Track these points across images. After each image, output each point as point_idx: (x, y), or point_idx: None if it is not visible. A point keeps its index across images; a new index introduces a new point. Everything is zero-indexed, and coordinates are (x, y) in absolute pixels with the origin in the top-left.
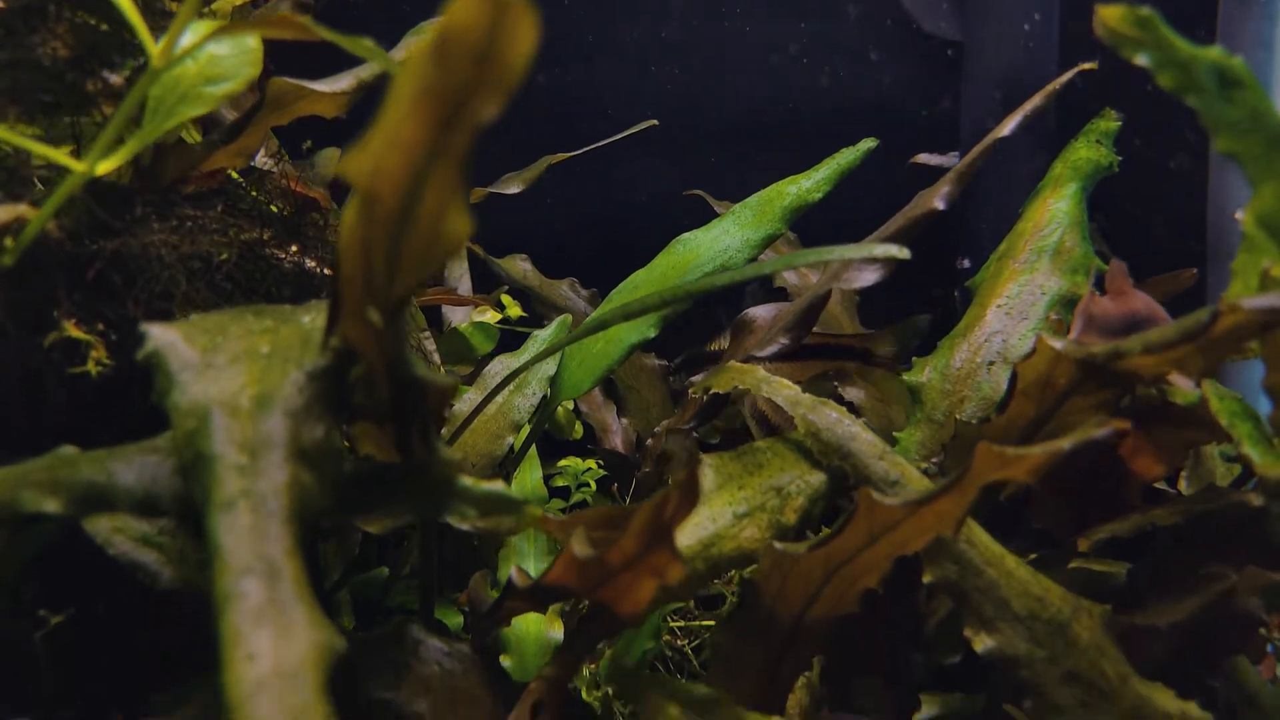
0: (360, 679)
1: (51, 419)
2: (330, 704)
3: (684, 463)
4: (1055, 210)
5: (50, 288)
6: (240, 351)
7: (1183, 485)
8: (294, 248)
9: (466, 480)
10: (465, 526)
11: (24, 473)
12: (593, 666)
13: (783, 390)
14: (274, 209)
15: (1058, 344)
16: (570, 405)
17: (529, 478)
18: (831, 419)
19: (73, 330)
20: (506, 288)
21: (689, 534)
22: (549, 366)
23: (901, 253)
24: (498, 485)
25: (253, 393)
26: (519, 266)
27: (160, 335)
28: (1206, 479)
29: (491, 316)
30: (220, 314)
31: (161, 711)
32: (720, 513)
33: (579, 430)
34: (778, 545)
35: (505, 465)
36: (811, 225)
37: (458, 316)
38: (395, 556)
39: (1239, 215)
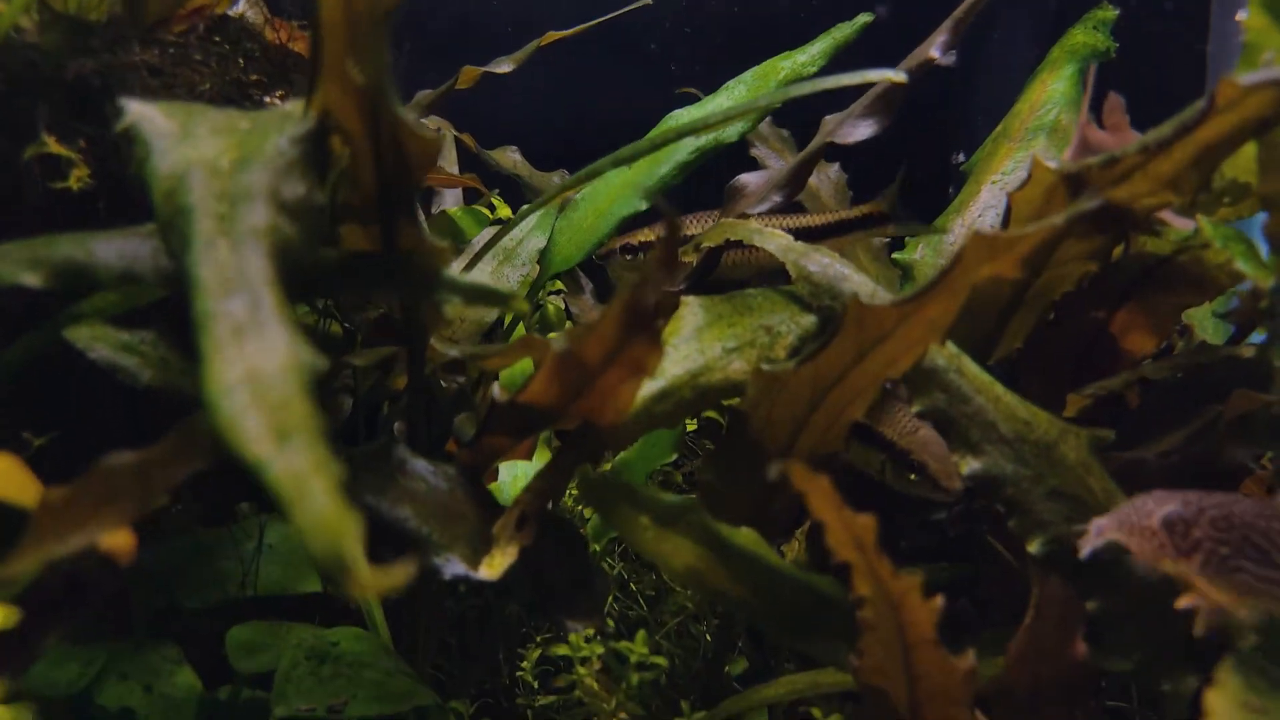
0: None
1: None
2: (313, 405)
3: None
4: (1052, 91)
5: (32, 105)
6: (220, 125)
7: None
8: (280, 93)
9: (452, 271)
10: (454, 352)
11: (4, 250)
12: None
13: (775, 239)
14: (257, 52)
15: (1053, 162)
16: (561, 304)
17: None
18: (824, 262)
19: (54, 146)
20: (498, 190)
21: (678, 365)
22: (538, 240)
23: (898, 76)
24: (484, 280)
25: (233, 156)
26: (509, 158)
27: (139, 108)
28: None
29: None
30: (200, 104)
31: None
32: (709, 347)
33: (569, 326)
34: (765, 367)
35: (493, 337)
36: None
37: (447, 203)
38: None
39: (1240, 17)
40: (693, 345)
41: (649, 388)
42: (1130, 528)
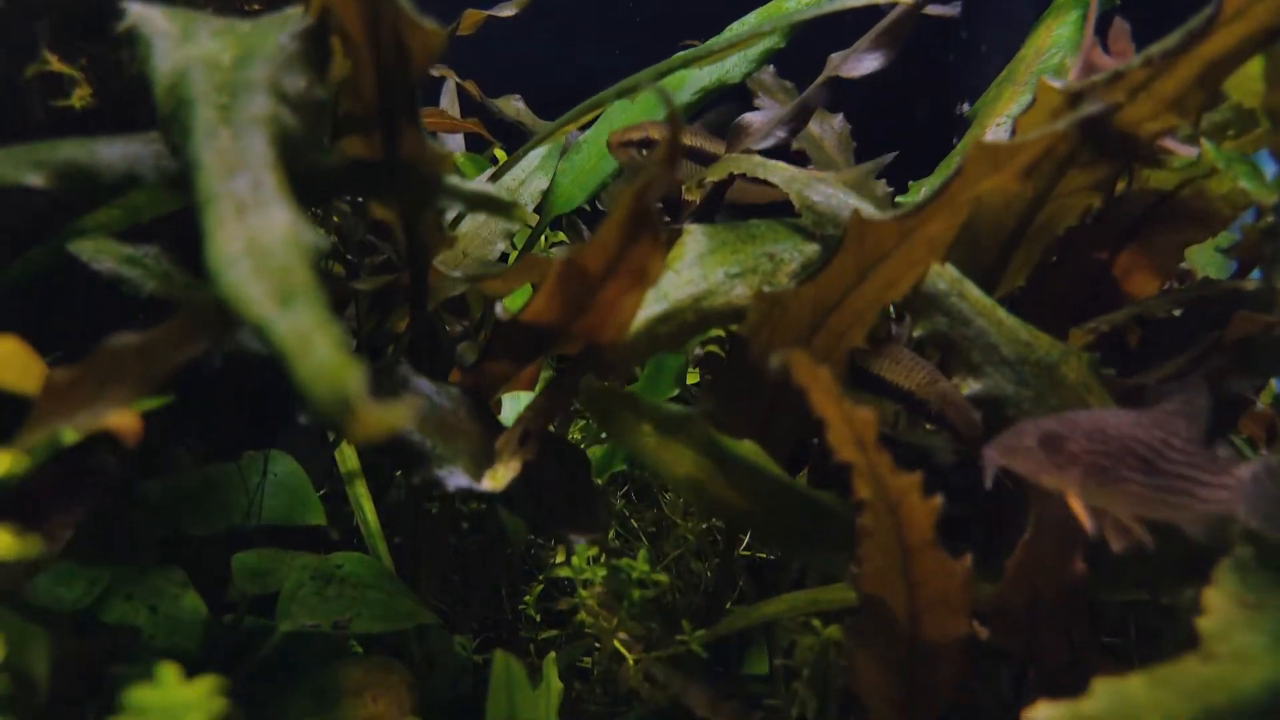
0: None
1: None
2: (314, 275)
3: None
4: (1057, 35)
5: (33, 23)
6: (221, 28)
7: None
8: None
9: (454, 178)
10: (456, 274)
11: (7, 153)
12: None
13: (778, 170)
14: None
15: (1058, 83)
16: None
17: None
18: (827, 192)
19: (56, 64)
20: (500, 145)
21: (681, 288)
22: (541, 181)
23: None
24: (486, 186)
25: (234, 53)
26: (512, 105)
27: (140, 9)
28: None
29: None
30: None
31: None
32: (712, 272)
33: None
34: (766, 289)
35: None
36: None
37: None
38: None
39: None
40: (695, 270)
41: (652, 309)
42: (1010, 450)
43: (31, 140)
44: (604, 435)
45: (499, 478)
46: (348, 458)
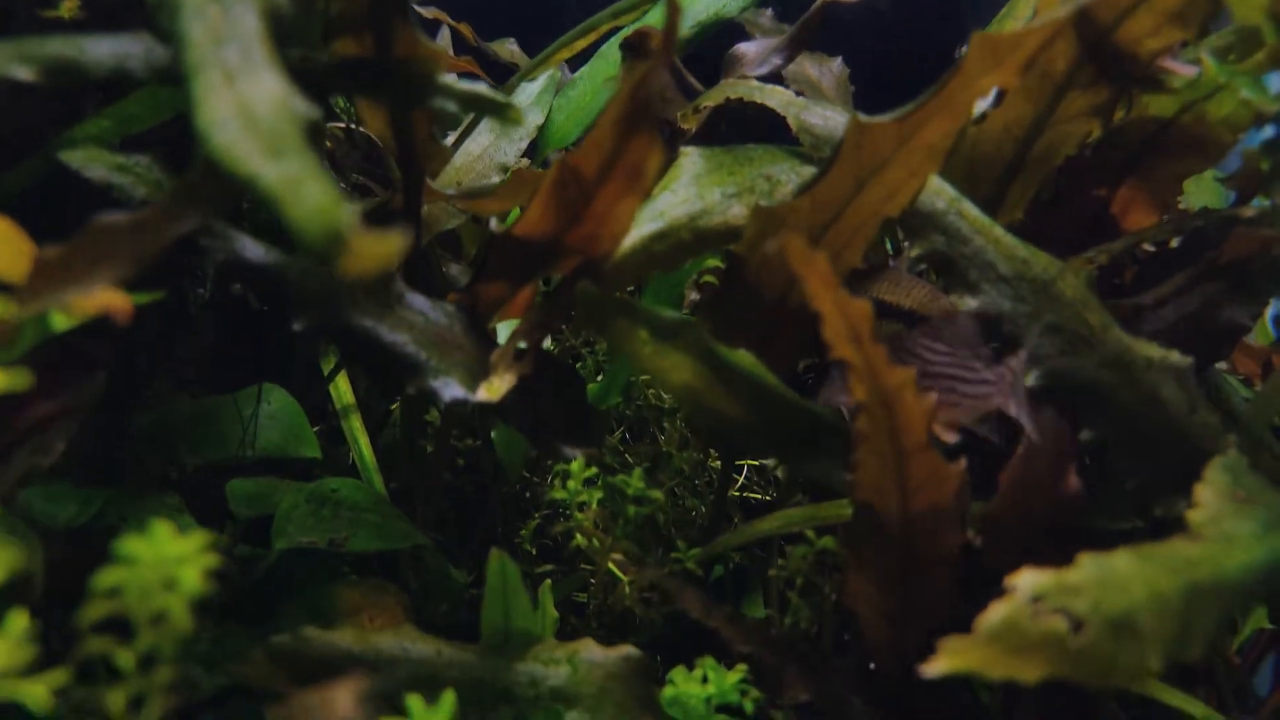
0: None
1: None
2: (306, 139)
3: None
4: None
5: None
6: None
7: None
8: None
9: (448, 78)
10: (450, 191)
11: None
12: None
13: (776, 94)
14: None
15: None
16: None
17: None
18: (826, 115)
19: None
20: (495, 87)
21: (677, 207)
22: (536, 116)
23: None
24: (481, 87)
25: None
26: (507, 49)
27: None
28: None
29: None
30: None
31: None
32: (709, 192)
33: None
34: (763, 203)
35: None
36: None
37: None
38: None
39: None
40: (692, 190)
41: (647, 228)
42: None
43: None
44: (599, 376)
45: (494, 389)
46: (343, 393)
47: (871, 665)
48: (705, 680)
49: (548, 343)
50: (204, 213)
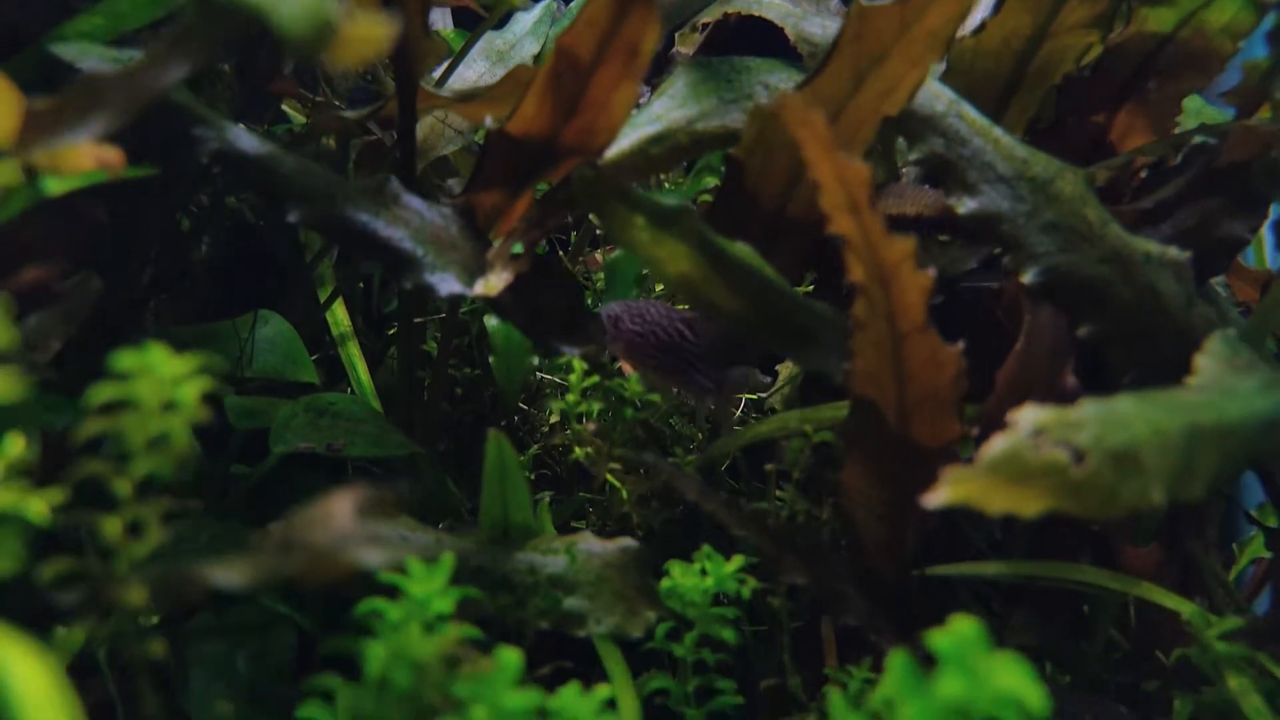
0: None
1: None
2: None
3: None
4: None
5: None
6: None
7: None
8: None
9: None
10: (445, 93)
11: None
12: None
13: (774, 7)
14: None
15: None
16: None
17: None
18: (824, 23)
19: None
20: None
21: (673, 111)
22: (532, 45)
23: None
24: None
25: None
26: None
27: None
28: None
29: None
30: None
31: None
32: (707, 97)
33: None
34: (763, 102)
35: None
36: None
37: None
38: None
39: None
40: (689, 95)
41: (645, 130)
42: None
43: None
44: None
45: (492, 285)
46: (340, 320)
47: (868, 567)
48: (704, 573)
49: None
50: (193, 57)
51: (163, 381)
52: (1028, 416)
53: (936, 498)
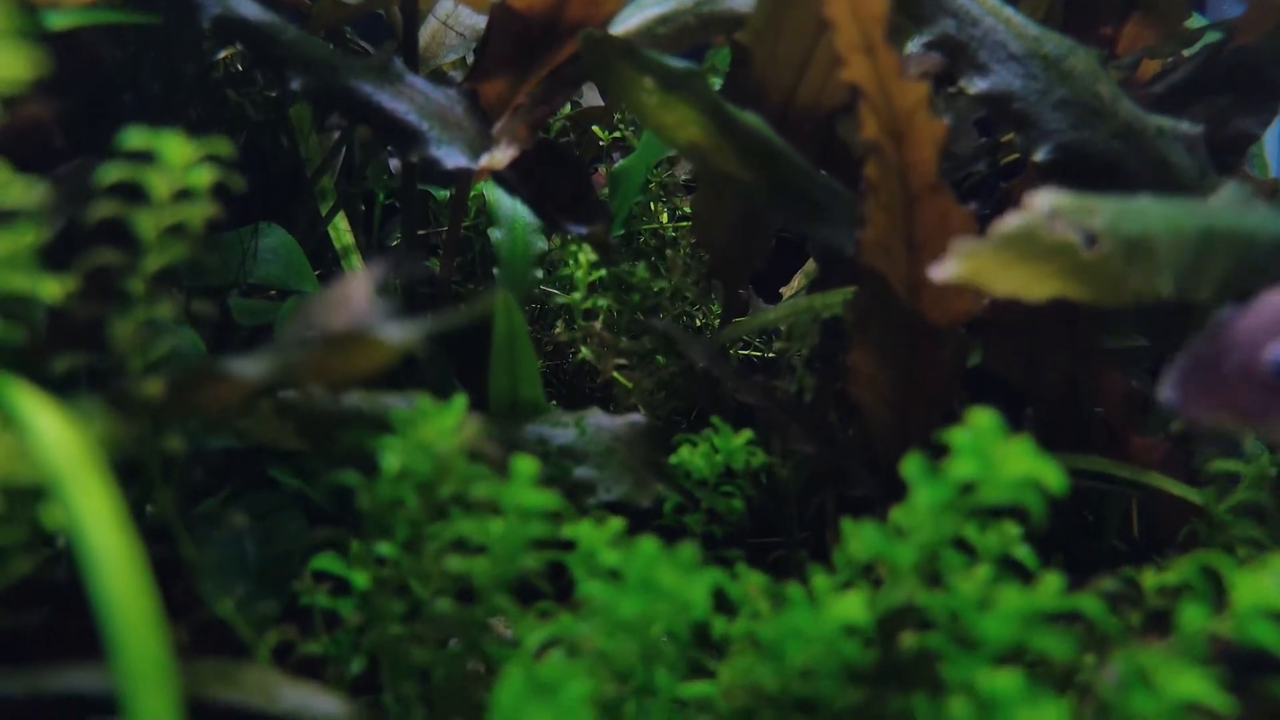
0: None
1: None
2: None
3: None
4: None
5: None
6: None
7: None
8: None
9: None
10: None
11: None
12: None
13: None
14: None
15: None
16: None
17: None
18: None
19: None
20: None
21: None
22: None
23: None
24: None
25: None
26: None
27: None
28: None
29: None
30: None
31: None
32: None
33: None
34: None
35: None
36: None
37: None
38: None
39: None
40: None
41: (651, 10)
42: None
43: None
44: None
45: (497, 159)
46: (341, 233)
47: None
48: (714, 450)
49: None
50: None
51: (174, 169)
52: (1044, 198)
53: (944, 270)
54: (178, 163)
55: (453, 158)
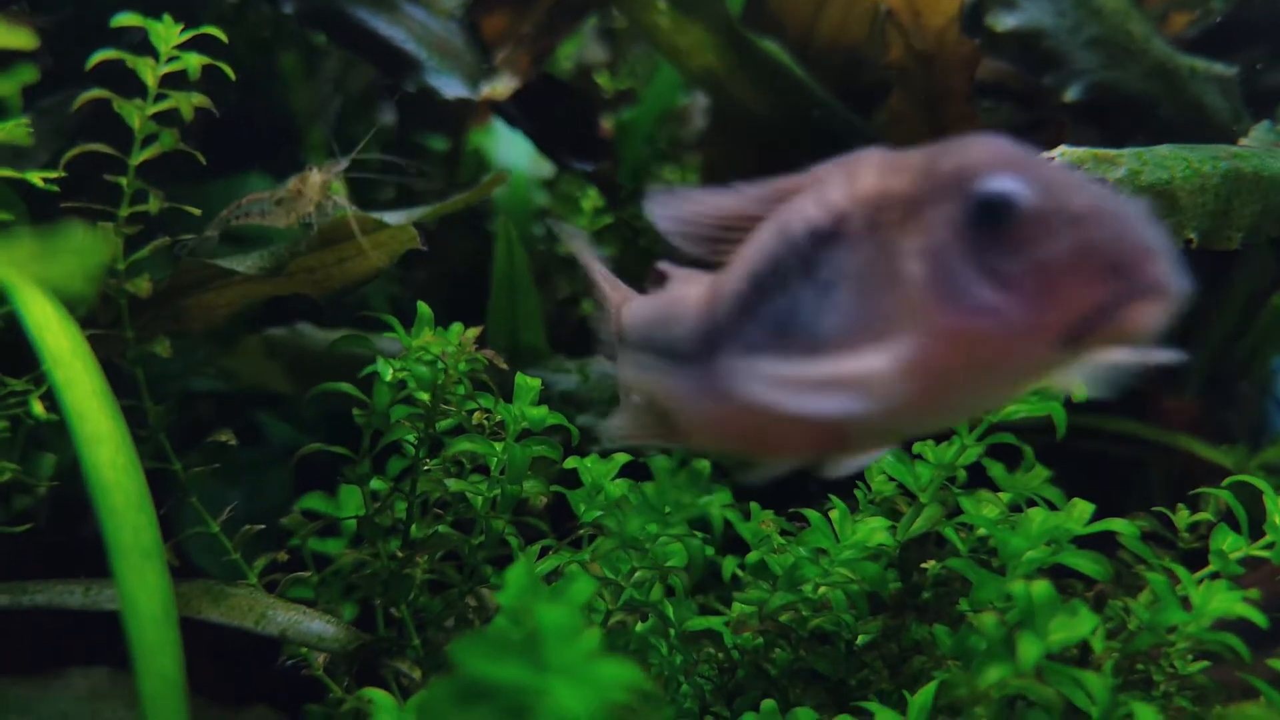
0: None
1: None
2: None
3: None
4: None
5: None
6: None
7: None
8: None
9: None
10: None
11: None
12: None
13: None
14: None
15: None
16: None
17: None
18: None
19: None
20: None
21: None
22: None
23: None
24: None
25: None
26: None
27: None
28: None
29: None
30: None
31: None
32: None
33: None
34: None
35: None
36: None
37: None
38: None
39: None
40: None
41: None
42: None
43: None
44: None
45: (499, 90)
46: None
47: None
48: None
49: None
50: None
51: (162, 54)
52: (1060, 152)
53: None
54: (166, 46)
55: (451, 87)
